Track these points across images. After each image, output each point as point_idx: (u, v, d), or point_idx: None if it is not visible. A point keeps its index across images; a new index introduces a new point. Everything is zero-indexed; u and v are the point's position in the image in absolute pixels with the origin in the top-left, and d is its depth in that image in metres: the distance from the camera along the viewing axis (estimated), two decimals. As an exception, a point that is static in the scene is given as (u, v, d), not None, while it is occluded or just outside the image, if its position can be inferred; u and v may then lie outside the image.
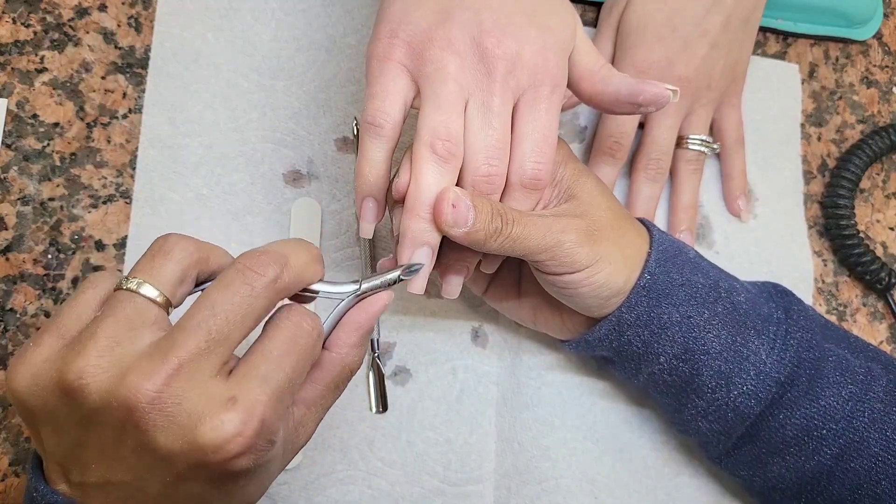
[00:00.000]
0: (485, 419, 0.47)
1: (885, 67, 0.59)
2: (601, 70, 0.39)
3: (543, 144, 0.37)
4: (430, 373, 0.47)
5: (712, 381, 0.41)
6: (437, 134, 0.35)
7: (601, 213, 0.39)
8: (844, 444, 0.40)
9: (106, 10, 0.49)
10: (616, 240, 0.39)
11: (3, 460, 0.42)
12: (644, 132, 0.51)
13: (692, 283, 0.41)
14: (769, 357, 0.41)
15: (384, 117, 0.36)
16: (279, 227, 0.47)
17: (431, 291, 0.48)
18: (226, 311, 0.29)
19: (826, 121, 0.57)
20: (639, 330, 0.41)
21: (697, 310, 0.40)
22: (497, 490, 0.46)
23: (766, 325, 0.41)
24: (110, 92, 0.48)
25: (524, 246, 0.37)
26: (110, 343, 0.29)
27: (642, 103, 0.38)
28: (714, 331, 0.40)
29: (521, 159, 0.36)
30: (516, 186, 0.37)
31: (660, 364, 0.42)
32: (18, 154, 0.46)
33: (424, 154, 0.35)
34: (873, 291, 0.55)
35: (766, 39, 0.58)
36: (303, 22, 0.51)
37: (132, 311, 0.29)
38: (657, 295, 0.40)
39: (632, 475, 0.48)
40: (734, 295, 0.42)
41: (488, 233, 0.36)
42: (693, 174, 0.52)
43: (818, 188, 0.56)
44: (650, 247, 0.41)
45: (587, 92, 0.39)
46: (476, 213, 0.35)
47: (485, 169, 0.36)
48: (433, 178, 0.35)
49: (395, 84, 0.36)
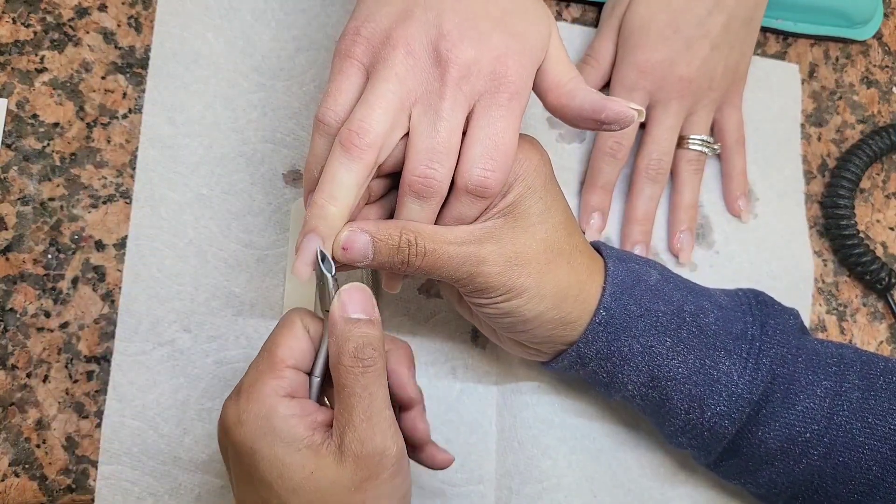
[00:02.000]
0: (485, 419, 0.47)
1: (885, 67, 0.59)
2: (568, 83, 0.38)
3: (494, 151, 0.35)
4: (430, 373, 0.47)
5: (684, 403, 0.41)
6: (349, 125, 0.34)
7: (531, 243, 0.38)
8: (829, 441, 0.40)
9: (106, 10, 0.49)
10: (537, 275, 0.38)
11: (3, 460, 0.42)
12: (645, 132, 0.51)
13: (652, 313, 0.40)
14: (741, 378, 0.40)
15: (333, 116, 0.35)
16: (279, 227, 0.47)
17: (431, 291, 0.48)
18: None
19: (826, 121, 0.57)
20: (601, 363, 0.41)
21: (659, 339, 0.40)
22: (498, 490, 0.46)
23: (737, 344, 0.41)
24: (110, 92, 0.48)
25: (438, 274, 0.37)
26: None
27: (605, 121, 0.37)
28: (679, 357, 0.40)
29: (469, 164, 0.35)
30: (462, 191, 0.36)
31: (628, 391, 0.42)
32: (18, 154, 0.46)
33: (334, 144, 0.35)
34: (873, 291, 0.55)
35: (766, 39, 0.58)
36: (303, 22, 0.51)
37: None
38: (615, 329, 0.40)
39: (629, 474, 0.48)
40: (701, 317, 0.41)
41: (393, 264, 0.36)
42: (694, 174, 0.52)
43: (818, 188, 0.56)
44: (605, 281, 0.40)
45: (552, 104, 0.38)
46: (376, 247, 0.35)
47: (422, 170, 0.35)
48: (336, 169, 0.34)
49: (349, 82, 0.35)
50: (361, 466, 0.33)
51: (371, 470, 0.33)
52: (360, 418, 0.33)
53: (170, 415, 0.44)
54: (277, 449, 0.33)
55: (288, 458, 0.33)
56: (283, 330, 0.36)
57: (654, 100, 0.50)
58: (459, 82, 0.34)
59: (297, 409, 0.34)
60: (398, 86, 0.34)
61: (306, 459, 0.33)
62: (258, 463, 0.33)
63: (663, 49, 0.49)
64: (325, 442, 0.33)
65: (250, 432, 0.33)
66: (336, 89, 0.36)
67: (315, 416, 0.34)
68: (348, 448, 0.33)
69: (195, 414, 0.44)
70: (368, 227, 0.35)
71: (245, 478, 0.34)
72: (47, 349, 0.44)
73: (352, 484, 0.33)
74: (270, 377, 0.34)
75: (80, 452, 0.43)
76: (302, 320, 0.36)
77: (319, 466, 0.33)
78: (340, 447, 0.33)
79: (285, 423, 0.33)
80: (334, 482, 0.33)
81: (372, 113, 0.34)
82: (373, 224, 0.36)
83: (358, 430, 0.33)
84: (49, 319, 0.44)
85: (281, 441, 0.33)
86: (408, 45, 0.34)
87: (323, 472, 0.33)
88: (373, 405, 0.33)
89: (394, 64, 0.34)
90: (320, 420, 0.34)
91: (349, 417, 0.33)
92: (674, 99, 0.49)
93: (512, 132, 0.35)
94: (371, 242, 0.35)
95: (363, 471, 0.33)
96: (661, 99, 0.49)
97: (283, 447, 0.33)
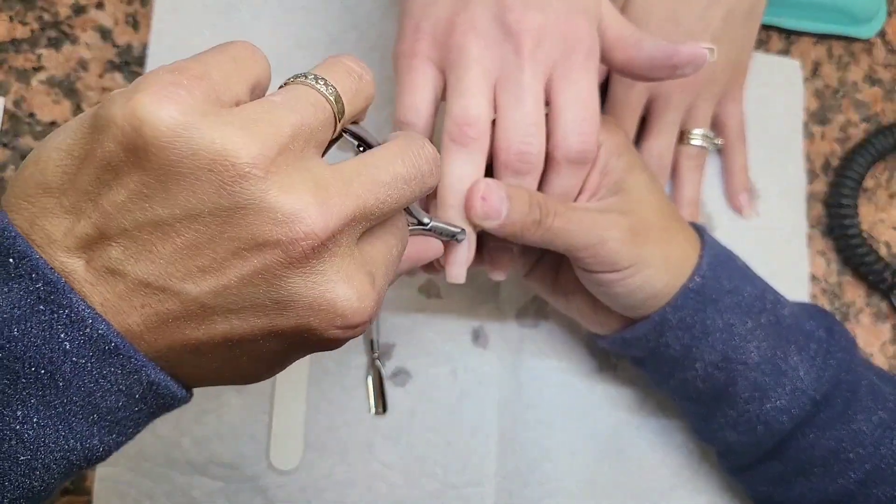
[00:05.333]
0: (486, 421, 0.47)
1: (888, 66, 0.59)
2: (631, 36, 0.37)
3: (585, 114, 0.35)
4: (430, 374, 0.47)
5: (746, 392, 0.40)
6: (456, 119, 0.34)
7: (649, 213, 0.38)
8: (870, 469, 0.39)
9: (103, 7, 0.48)
10: (661, 243, 0.38)
11: None
12: (645, 128, 0.50)
13: (740, 291, 0.40)
14: (808, 374, 0.39)
15: (414, 114, 0.35)
16: (278, 227, 0.47)
17: (431, 291, 0.48)
18: (394, 184, 0.26)
19: (829, 119, 0.57)
20: (679, 333, 0.39)
21: (741, 318, 0.39)
22: (498, 492, 0.46)
23: (807, 342, 0.40)
24: (108, 90, 0.47)
25: (565, 241, 0.36)
26: (296, 148, 0.24)
27: (678, 65, 0.37)
28: (755, 341, 0.39)
29: (563, 133, 0.35)
30: (562, 163, 0.35)
31: (695, 370, 0.40)
32: (16, 153, 0.45)
33: (446, 143, 0.34)
34: (877, 291, 0.54)
35: (769, 37, 0.57)
36: (301, 19, 0.50)
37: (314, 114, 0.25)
38: (704, 299, 0.39)
39: (630, 476, 0.48)
40: (779, 308, 0.41)
41: (525, 224, 0.35)
42: (695, 170, 0.51)
43: (822, 187, 0.55)
44: (702, 250, 0.40)
45: (620, 59, 0.38)
46: (511, 203, 0.34)
47: (517, 147, 0.34)
48: (457, 166, 0.34)
49: (422, 79, 0.35)
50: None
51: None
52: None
53: (167, 417, 0.43)
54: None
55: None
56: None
57: (654, 94, 0.49)
58: (535, 50, 0.34)
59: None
60: (479, 68, 0.34)
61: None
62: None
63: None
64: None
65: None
66: (410, 87, 0.35)
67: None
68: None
69: (192, 416, 0.44)
70: (500, 184, 0.34)
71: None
72: (44, 350, 0.44)
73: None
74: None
75: (77, 454, 0.43)
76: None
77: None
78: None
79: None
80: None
81: (472, 100, 0.34)
82: (504, 186, 0.35)
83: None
84: (45, 320, 0.44)
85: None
86: (475, 27, 0.34)
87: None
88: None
89: (468, 49, 0.34)
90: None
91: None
92: (674, 93, 0.49)
93: (595, 91, 0.35)
94: (507, 197, 0.34)
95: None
96: (661, 93, 0.49)
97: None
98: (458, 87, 0.34)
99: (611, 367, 0.48)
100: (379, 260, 0.27)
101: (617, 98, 0.49)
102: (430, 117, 0.36)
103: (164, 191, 0.22)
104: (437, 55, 0.35)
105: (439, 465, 0.46)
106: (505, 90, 0.35)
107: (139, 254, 0.23)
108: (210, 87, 0.23)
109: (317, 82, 0.26)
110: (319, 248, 0.23)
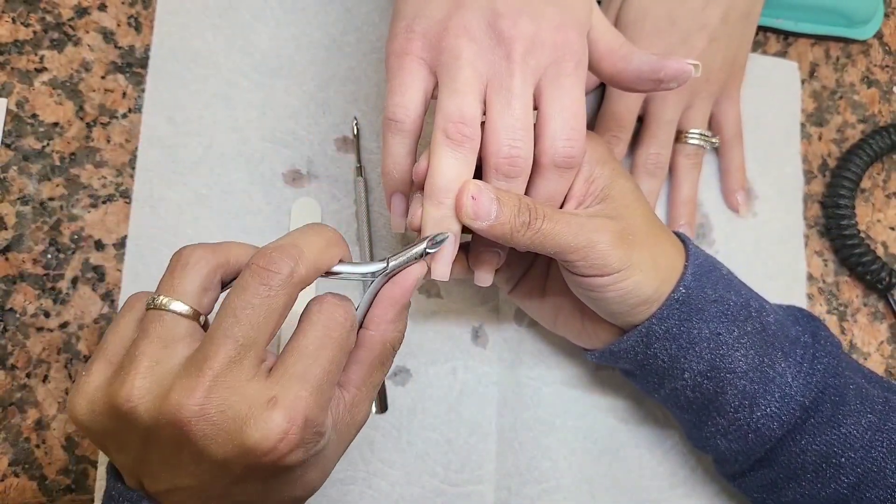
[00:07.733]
0: (485, 419, 0.47)
1: (885, 67, 0.59)
2: (621, 48, 0.38)
3: (573, 121, 0.36)
4: (430, 373, 0.47)
5: (736, 400, 0.40)
6: (450, 118, 0.34)
7: (637, 219, 0.39)
8: (862, 473, 0.39)
9: (105, 9, 0.49)
10: (650, 248, 0.38)
11: (3, 460, 0.42)
12: (643, 127, 0.51)
13: (724, 300, 0.40)
14: (795, 380, 0.40)
15: (404, 112, 0.36)
16: (279, 227, 0.47)
17: (431, 291, 0.48)
18: (247, 315, 0.30)
19: (827, 120, 0.57)
20: (667, 343, 0.40)
21: (727, 327, 0.39)
22: (497, 490, 0.46)
23: (793, 348, 0.40)
24: (110, 91, 0.48)
25: (555, 243, 0.36)
26: (150, 363, 0.30)
27: (664, 79, 0.38)
28: (742, 350, 0.40)
29: (551, 139, 0.35)
30: (549, 167, 0.36)
31: (684, 380, 0.41)
32: (18, 154, 0.46)
33: (439, 139, 0.35)
34: (874, 291, 0.55)
35: (766, 39, 0.58)
36: (302, 20, 0.51)
37: (163, 329, 0.31)
38: (689, 309, 0.39)
39: (628, 475, 0.48)
40: (764, 315, 0.41)
41: (514, 226, 0.35)
42: (692, 169, 0.52)
43: (819, 188, 0.56)
44: (686, 260, 0.40)
45: (608, 71, 0.39)
46: (500, 206, 0.35)
47: (506, 150, 0.35)
48: (449, 163, 0.35)
49: (413, 78, 0.36)
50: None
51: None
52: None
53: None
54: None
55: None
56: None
57: (651, 94, 0.50)
58: (525, 57, 0.35)
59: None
60: (472, 71, 0.35)
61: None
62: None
63: (660, 42, 0.49)
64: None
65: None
66: (400, 86, 0.36)
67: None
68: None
69: (195, 414, 0.44)
70: (489, 186, 0.35)
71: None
72: (47, 349, 0.44)
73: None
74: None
75: (80, 453, 0.43)
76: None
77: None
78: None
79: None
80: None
81: (465, 99, 0.35)
82: (491, 187, 0.35)
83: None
84: (48, 319, 0.44)
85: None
86: (468, 31, 0.35)
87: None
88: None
89: (460, 52, 0.35)
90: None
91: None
92: (671, 93, 0.49)
93: (582, 99, 0.36)
94: (496, 199, 0.35)
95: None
96: (658, 93, 0.49)
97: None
98: (452, 86, 0.35)
99: (609, 367, 0.49)
100: (289, 373, 0.31)
101: (615, 98, 0.49)
102: (419, 116, 0.36)
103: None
104: (429, 56, 0.36)
105: (439, 464, 0.46)
106: (495, 94, 0.35)
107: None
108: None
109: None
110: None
